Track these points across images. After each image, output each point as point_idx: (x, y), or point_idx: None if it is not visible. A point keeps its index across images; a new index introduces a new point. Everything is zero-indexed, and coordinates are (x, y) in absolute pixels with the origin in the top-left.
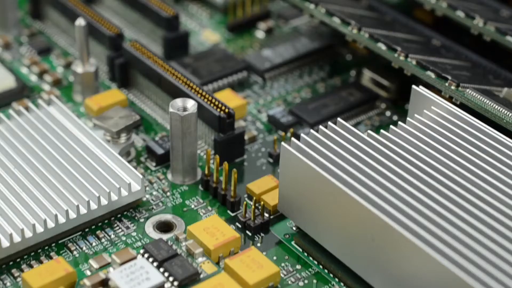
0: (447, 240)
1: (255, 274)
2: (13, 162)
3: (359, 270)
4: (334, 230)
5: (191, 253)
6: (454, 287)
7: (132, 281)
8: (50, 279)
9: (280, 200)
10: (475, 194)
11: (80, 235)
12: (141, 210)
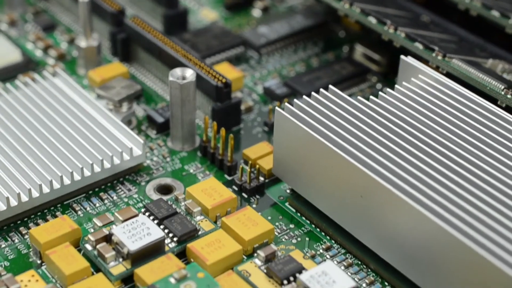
0: (432, 195)
1: (251, 231)
2: (20, 129)
3: (349, 227)
4: (326, 190)
5: (189, 212)
6: (437, 238)
7: (134, 236)
8: (56, 235)
9: (275, 163)
10: (458, 153)
11: (84, 196)
12: (142, 174)
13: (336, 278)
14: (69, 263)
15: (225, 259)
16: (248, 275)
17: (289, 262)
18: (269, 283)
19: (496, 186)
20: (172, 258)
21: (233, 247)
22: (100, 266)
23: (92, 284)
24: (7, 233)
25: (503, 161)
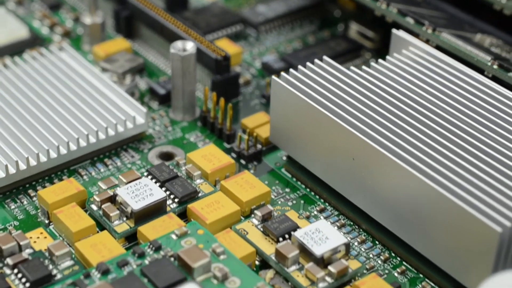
0: (419, 156)
1: (248, 193)
2: (29, 99)
3: (341, 190)
4: (320, 155)
5: (190, 175)
6: (425, 195)
7: (137, 197)
8: (63, 196)
9: (271, 131)
10: (444, 117)
11: (89, 162)
12: (145, 142)
13: (329, 235)
14: (76, 221)
15: (223, 218)
16: (246, 233)
17: (284, 221)
18: (265, 240)
19: (477, 146)
20: (174, 217)
21: (232, 208)
22: (105, 225)
23: (98, 241)
24: (16, 196)
25: (485, 124)
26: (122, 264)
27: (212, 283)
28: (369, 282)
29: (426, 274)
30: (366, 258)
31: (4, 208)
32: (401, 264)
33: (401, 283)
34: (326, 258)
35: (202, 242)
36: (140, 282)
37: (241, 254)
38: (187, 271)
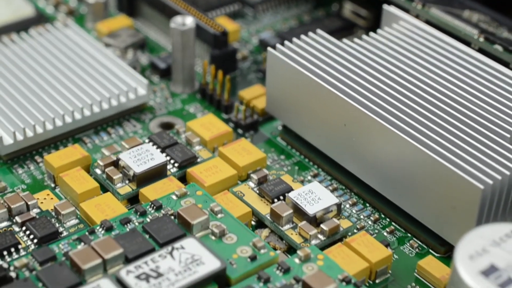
0: (407, 121)
1: (245, 158)
2: (35, 71)
3: (334, 156)
4: (314, 122)
5: (189, 142)
6: (413, 158)
7: (139, 161)
8: (68, 160)
9: (268, 101)
10: (431, 85)
11: (93, 131)
12: (146, 113)
13: (322, 196)
14: (81, 183)
15: (221, 182)
16: (242, 195)
17: (279, 183)
18: (261, 201)
19: (462, 111)
20: (174, 180)
21: (229, 172)
22: (109, 187)
23: (101, 202)
24: (23, 161)
25: (469, 91)
26: (124, 221)
27: (210, 239)
28: (359, 239)
29: (414, 233)
30: (357, 219)
31: (12, 173)
32: (390, 224)
33: (390, 241)
34: (319, 217)
35: (201, 202)
36: (142, 237)
37: (238, 213)
38: (187, 228)
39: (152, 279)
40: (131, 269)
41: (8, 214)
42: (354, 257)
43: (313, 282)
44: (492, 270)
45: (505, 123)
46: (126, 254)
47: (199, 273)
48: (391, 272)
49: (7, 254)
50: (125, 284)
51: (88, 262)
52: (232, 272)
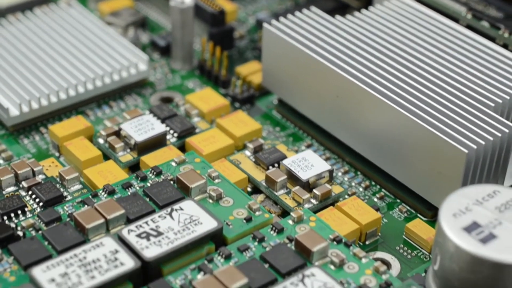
0: (396, 90)
1: (241, 129)
2: (40, 47)
3: (327, 127)
4: (308, 95)
5: (188, 114)
6: (401, 126)
7: (140, 131)
8: (72, 130)
9: (264, 75)
10: (419, 58)
11: (96, 105)
12: (147, 88)
13: (314, 163)
14: (84, 152)
15: (219, 150)
16: (239, 162)
17: (274, 152)
18: (256, 169)
19: (448, 82)
20: (173, 149)
21: (226, 142)
22: (111, 156)
23: (104, 168)
24: (28, 132)
25: (455, 63)
26: (126, 186)
27: (208, 202)
28: (350, 203)
29: (403, 198)
30: (349, 186)
31: (18, 143)
32: (380, 190)
33: (380, 206)
34: (312, 183)
35: (199, 169)
36: (143, 200)
37: (234, 180)
38: (185, 191)
39: (152, 237)
40: (133, 228)
41: (15, 180)
42: (345, 220)
43: (305, 241)
44: (474, 227)
45: (490, 94)
46: (127, 215)
47: (197, 232)
48: (380, 234)
49: (14, 216)
50: (127, 241)
51: (91, 222)
52: (228, 232)
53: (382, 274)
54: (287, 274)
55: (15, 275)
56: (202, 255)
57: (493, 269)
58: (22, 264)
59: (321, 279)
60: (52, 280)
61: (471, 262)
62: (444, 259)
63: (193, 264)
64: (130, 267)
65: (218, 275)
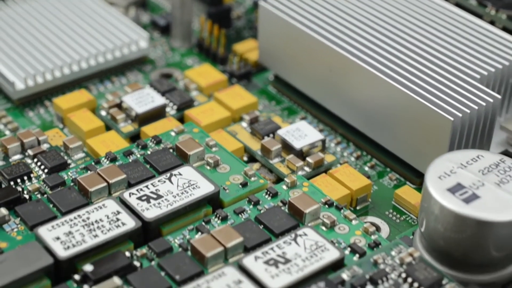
0: (385, 63)
1: (238, 102)
2: (44, 25)
3: (320, 100)
4: (302, 69)
5: (187, 89)
6: (390, 97)
7: (140, 103)
8: (75, 103)
9: (260, 52)
10: (407, 33)
11: (98, 80)
12: (147, 65)
13: (308, 133)
14: (87, 122)
15: (216, 122)
16: (235, 133)
17: (269, 123)
18: (252, 139)
19: (434, 54)
20: (172, 120)
21: (224, 114)
22: (113, 126)
23: (106, 138)
24: (33, 105)
25: (441, 37)
26: (127, 153)
27: (205, 169)
28: (342, 170)
29: (392, 167)
30: (341, 156)
31: (23, 116)
32: (371, 160)
33: (371, 175)
34: (305, 151)
35: (197, 138)
36: (143, 166)
37: (231, 149)
38: (184, 159)
39: (152, 200)
40: (133, 192)
41: (21, 148)
42: (336, 185)
43: (298, 203)
44: (458, 188)
45: (476, 66)
46: (128, 180)
47: (195, 196)
48: (370, 200)
49: (20, 182)
50: (128, 204)
51: (94, 186)
52: (225, 196)
53: (371, 235)
54: (280, 234)
55: (22, 234)
56: (200, 217)
57: (475, 227)
58: (28, 224)
59: (313, 238)
60: (57, 238)
61: (455, 221)
62: (429, 221)
63: (191, 225)
64: (131, 227)
65: (214, 234)
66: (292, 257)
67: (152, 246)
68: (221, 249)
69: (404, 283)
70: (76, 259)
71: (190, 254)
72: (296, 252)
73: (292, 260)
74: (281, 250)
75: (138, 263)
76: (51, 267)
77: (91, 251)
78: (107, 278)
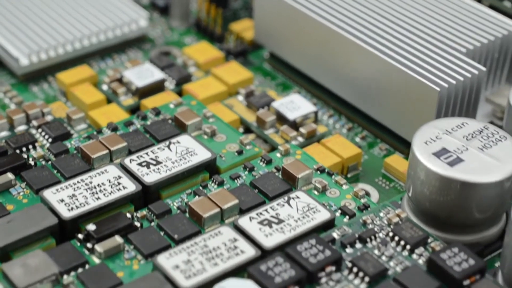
0: (375, 37)
1: (234, 77)
2: (48, 5)
3: (313, 74)
4: (296, 46)
5: (185, 65)
6: (380, 70)
7: (140, 77)
8: (78, 78)
9: (256, 30)
10: (398, 11)
11: (99, 57)
12: (147, 43)
13: (301, 105)
14: (89, 96)
15: (213, 96)
16: (232, 106)
17: (264, 96)
18: (248, 111)
19: (421, 29)
20: (171, 94)
21: (220, 88)
22: (114, 100)
23: (108, 110)
24: (37, 81)
25: (433, 16)
26: (128, 124)
27: (203, 138)
28: (333, 140)
29: (383, 138)
30: (333, 128)
31: (27, 91)
32: (362, 131)
33: (362, 145)
34: (298, 122)
35: (195, 110)
36: (143, 136)
37: (227, 120)
38: (182, 128)
39: (152, 166)
40: (134, 158)
41: (26, 119)
42: (328, 154)
43: (291, 169)
44: (443, 152)
45: (462, 41)
46: (129, 147)
47: (193, 162)
48: (361, 168)
49: (26, 151)
50: (129, 169)
51: (96, 153)
52: (221, 163)
53: (361, 198)
54: (274, 198)
55: (27, 198)
56: (197, 182)
57: (459, 189)
58: (34, 188)
59: (305, 201)
60: (61, 201)
61: (440, 183)
62: (416, 185)
63: (189, 189)
64: (132, 190)
65: (211, 197)
66: (285, 218)
67: (152, 208)
68: (217, 211)
69: (391, 242)
70: (79, 220)
71: (188, 216)
72: (289, 213)
73: (285, 221)
74: (275, 211)
75: (139, 224)
76: (55, 227)
77: (93, 212)
78: (109, 237)
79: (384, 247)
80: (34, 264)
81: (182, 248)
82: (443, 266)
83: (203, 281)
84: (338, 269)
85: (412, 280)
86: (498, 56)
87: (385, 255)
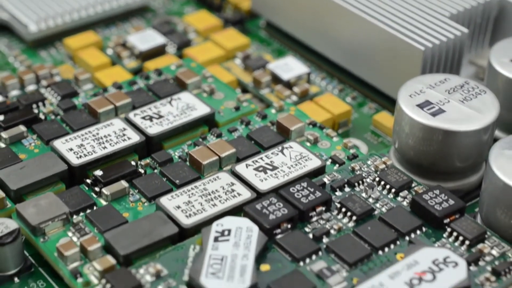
0: (366, 3)
1: (232, 43)
2: None
3: (307, 40)
4: (292, 14)
5: (186, 31)
6: (368, 32)
7: (143, 42)
8: (84, 43)
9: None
10: None
11: (104, 25)
12: (149, 13)
13: (295, 67)
14: (95, 59)
15: (212, 59)
16: (230, 68)
17: (260, 59)
18: (244, 73)
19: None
20: (172, 57)
21: (219, 52)
22: (118, 63)
23: (112, 72)
24: (45, 46)
25: None
26: (132, 83)
27: (202, 96)
28: (325, 98)
29: (372, 98)
30: (325, 89)
31: (36, 56)
32: (353, 92)
33: (352, 105)
34: (292, 83)
35: (195, 71)
36: (146, 93)
37: (225, 81)
38: (183, 87)
39: (155, 119)
40: (138, 112)
41: (36, 80)
42: (320, 110)
43: (285, 122)
44: (426, 104)
45: (446, 5)
46: (133, 103)
47: (193, 116)
48: (351, 125)
49: (36, 108)
50: (133, 122)
51: (102, 107)
52: (219, 118)
53: (350, 149)
54: (269, 148)
55: (38, 148)
56: (197, 135)
57: (441, 137)
58: (44, 140)
59: (297, 150)
60: (70, 149)
61: (423, 133)
62: (401, 136)
63: (189, 141)
64: (136, 141)
65: (210, 146)
66: (279, 165)
67: (155, 157)
68: (216, 158)
69: (378, 186)
70: (87, 167)
71: (189, 164)
72: (282, 161)
73: (279, 167)
74: (269, 159)
75: (142, 171)
76: (65, 172)
77: (100, 160)
78: (115, 182)
79: (371, 190)
80: (46, 204)
81: (183, 191)
82: (425, 205)
83: (202, 219)
84: (328, 209)
85: (396, 219)
86: (481, 21)
87: (372, 197)
